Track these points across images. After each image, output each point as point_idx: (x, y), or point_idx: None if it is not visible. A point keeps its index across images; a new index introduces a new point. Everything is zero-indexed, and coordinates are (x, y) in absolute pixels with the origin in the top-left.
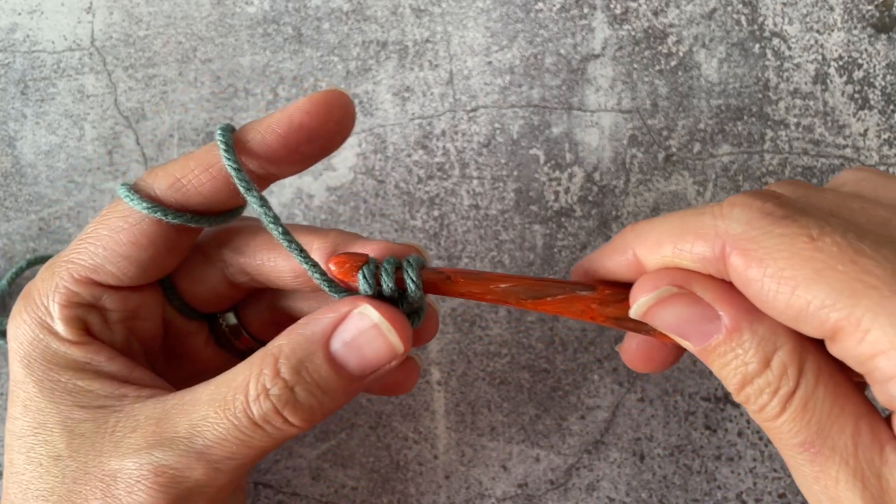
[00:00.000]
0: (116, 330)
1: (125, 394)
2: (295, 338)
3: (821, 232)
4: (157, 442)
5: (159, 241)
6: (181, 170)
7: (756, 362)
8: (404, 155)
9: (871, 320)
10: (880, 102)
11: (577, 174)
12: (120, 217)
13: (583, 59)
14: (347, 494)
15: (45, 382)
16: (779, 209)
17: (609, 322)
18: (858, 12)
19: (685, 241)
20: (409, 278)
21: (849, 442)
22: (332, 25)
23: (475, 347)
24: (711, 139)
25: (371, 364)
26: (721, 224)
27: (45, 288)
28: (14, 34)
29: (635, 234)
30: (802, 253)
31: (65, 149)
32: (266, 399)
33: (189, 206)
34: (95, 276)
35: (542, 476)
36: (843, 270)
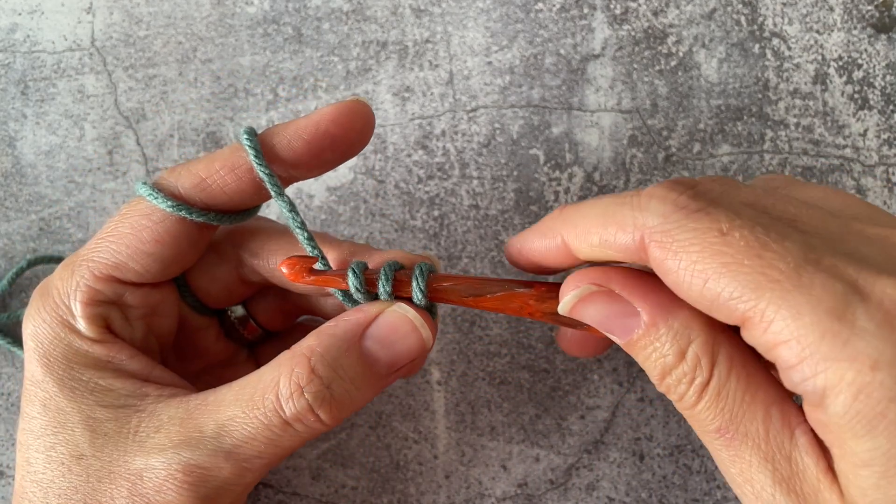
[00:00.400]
0: (137, 327)
1: (147, 393)
2: (326, 338)
3: (730, 226)
4: (184, 441)
5: (181, 239)
6: (206, 170)
7: (672, 355)
8: (404, 155)
9: (774, 312)
10: (880, 102)
11: (577, 174)
12: (142, 215)
13: (583, 60)
14: (347, 494)
15: (66, 381)
16: (692, 202)
17: (547, 318)
18: (858, 12)
19: (608, 231)
20: (416, 286)
21: (760, 427)
22: (332, 25)
23: (475, 347)
24: (711, 139)
25: (401, 358)
26: (639, 216)
27: (66, 286)
28: (14, 34)
29: (563, 220)
30: (713, 247)
31: (65, 149)
32: (301, 397)
33: (212, 205)
34: (118, 273)
35: (542, 476)
36: (748, 265)
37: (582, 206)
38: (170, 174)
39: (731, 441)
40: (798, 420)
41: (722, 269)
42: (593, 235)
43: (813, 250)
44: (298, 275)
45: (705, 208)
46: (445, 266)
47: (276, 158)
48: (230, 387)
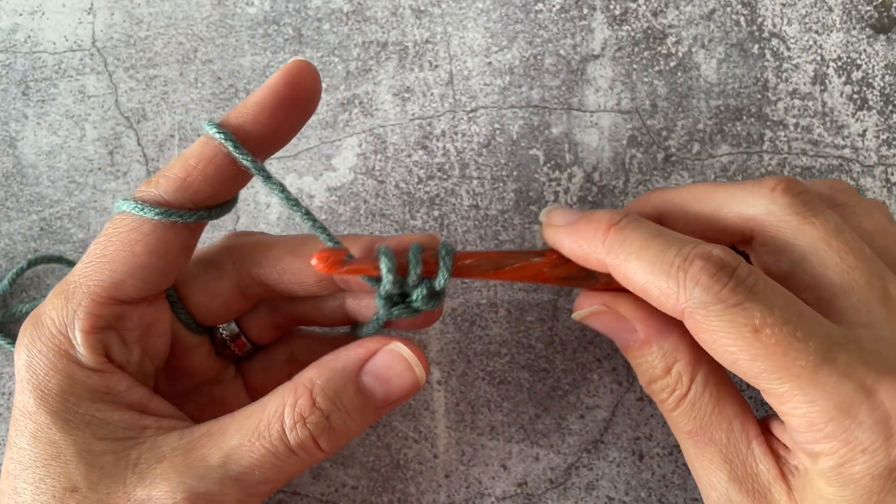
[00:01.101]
0: (133, 350)
1: (146, 425)
2: (327, 372)
3: (762, 323)
4: (189, 471)
5: (175, 244)
6: (183, 169)
7: (660, 368)
8: (404, 155)
9: (792, 396)
10: (879, 103)
11: (577, 174)
12: (131, 230)
13: (582, 60)
14: (348, 493)
15: (61, 413)
16: (732, 295)
17: (558, 281)
18: (857, 13)
19: (650, 291)
20: (444, 266)
21: (724, 435)
22: (333, 26)
23: (475, 347)
24: (710, 139)
25: (395, 394)
26: (682, 295)
27: (62, 315)
28: (15, 35)
29: (608, 249)
30: (745, 339)
31: (66, 149)
32: (303, 427)
33: (199, 201)
34: (117, 293)
35: (542, 475)
36: (776, 361)
37: (629, 248)
38: (147, 185)
39: (699, 442)
40: (755, 433)
41: (750, 358)
42: (636, 285)
43: (831, 348)
44: (332, 266)
45: (742, 303)
46: None
47: (248, 139)
48: (233, 417)
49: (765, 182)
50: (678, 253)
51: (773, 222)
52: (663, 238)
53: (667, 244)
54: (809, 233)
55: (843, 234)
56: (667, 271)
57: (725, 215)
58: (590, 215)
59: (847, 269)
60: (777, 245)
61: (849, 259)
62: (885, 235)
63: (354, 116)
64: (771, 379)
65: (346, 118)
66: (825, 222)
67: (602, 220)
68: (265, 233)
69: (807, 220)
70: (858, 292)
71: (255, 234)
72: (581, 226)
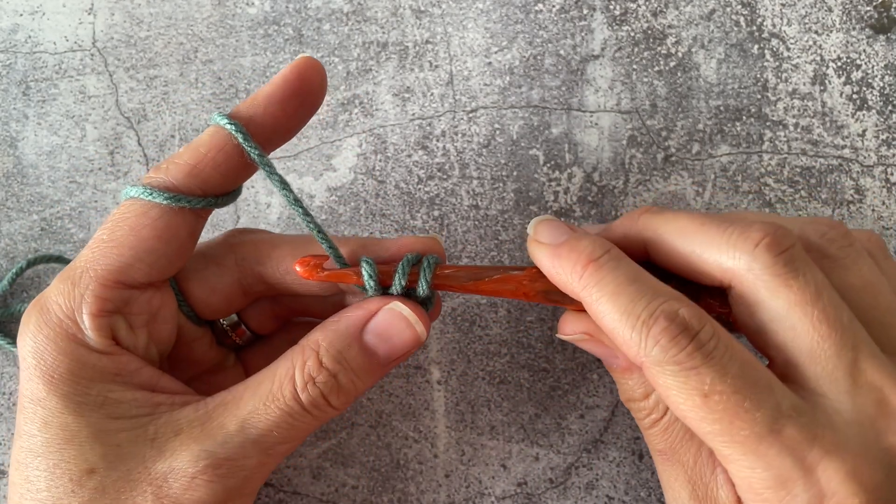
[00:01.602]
0: (140, 336)
1: (159, 402)
2: (331, 333)
3: (712, 389)
4: (208, 439)
5: (182, 230)
6: (194, 157)
7: (639, 393)
8: (404, 155)
9: (734, 460)
10: (878, 103)
11: (577, 174)
12: (139, 215)
13: (582, 60)
14: (348, 493)
15: (72, 397)
16: (688, 359)
17: (539, 297)
18: (857, 13)
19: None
20: (424, 277)
21: (691, 458)
22: (333, 26)
23: (475, 347)
24: (710, 140)
25: (398, 350)
26: (642, 350)
27: (69, 300)
28: (16, 35)
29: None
30: (694, 401)
31: (66, 149)
32: (314, 386)
33: (208, 189)
34: (124, 277)
35: (542, 475)
36: (722, 427)
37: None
38: (156, 171)
39: (667, 461)
40: (720, 463)
41: (699, 418)
42: (604, 326)
43: (779, 420)
44: (312, 272)
45: (697, 367)
46: None
47: (257, 130)
48: (245, 385)
49: (750, 234)
50: (646, 307)
51: (751, 279)
52: (636, 287)
53: (638, 294)
54: (786, 296)
55: (820, 300)
56: (632, 324)
57: (705, 260)
58: (575, 242)
59: (818, 338)
60: (752, 301)
61: (822, 328)
62: (871, 290)
63: (354, 116)
64: (717, 441)
65: (346, 118)
66: (804, 286)
67: (583, 252)
68: (268, 231)
69: (786, 282)
70: (825, 362)
71: (258, 231)
72: (563, 252)
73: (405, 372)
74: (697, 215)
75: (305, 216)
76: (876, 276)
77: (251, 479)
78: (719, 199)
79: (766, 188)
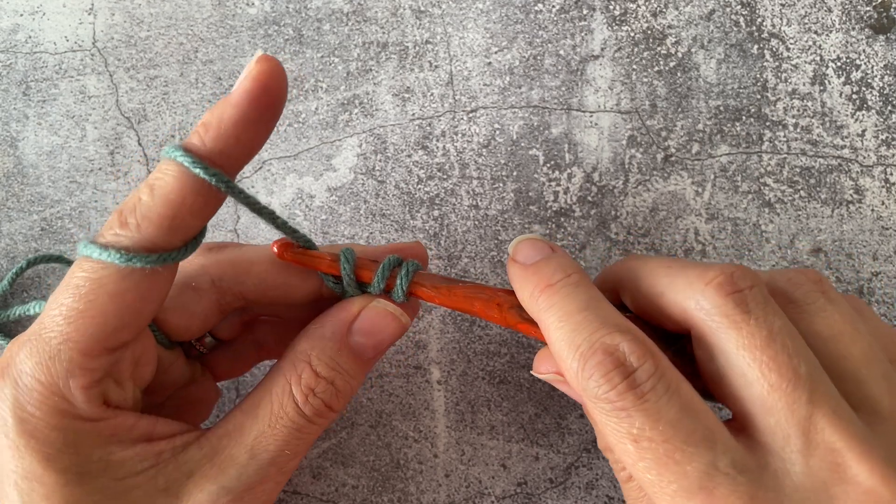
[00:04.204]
0: (127, 388)
1: (160, 450)
2: (318, 342)
3: (640, 435)
4: (221, 474)
5: (165, 282)
6: (169, 208)
7: None
8: (404, 155)
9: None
10: (878, 103)
11: (577, 174)
12: (119, 280)
13: (582, 60)
14: (348, 493)
15: (73, 469)
16: (618, 399)
17: (512, 312)
18: (857, 13)
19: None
20: (401, 282)
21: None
22: (333, 27)
23: (475, 347)
24: (710, 140)
25: (385, 343)
26: (580, 381)
27: (50, 375)
28: (16, 35)
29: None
30: (625, 445)
31: (67, 149)
32: (315, 397)
33: (188, 237)
34: (111, 343)
35: (542, 475)
36: (652, 474)
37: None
38: (125, 229)
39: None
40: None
41: (631, 462)
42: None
43: (712, 478)
44: (285, 250)
45: (627, 409)
46: (445, 265)
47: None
48: (242, 411)
49: (707, 272)
50: (586, 338)
51: (705, 320)
52: (584, 315)
53: (584, 323)
54: (735, 339)
55: (771, 346)
56: (572, 354)
57: (666, 303)
58: (543, 263)
59: (769, 387)
60: (707, 344)
61: (772, 377)
62: (842, 340)
63: (354, 116)
64: (651, 490)
65: (346, 118)
66: (755, 329)
67: (545, 275)
68: (239, 244)
69: (735, 325)
70: (777, 415)
71: (229, 246)
72: (530, 274)
73: (405, 372)
74: (667, 258)
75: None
76: (851, 326)
77: (270, 499)
78: (719, 200)
79: (765, 188)
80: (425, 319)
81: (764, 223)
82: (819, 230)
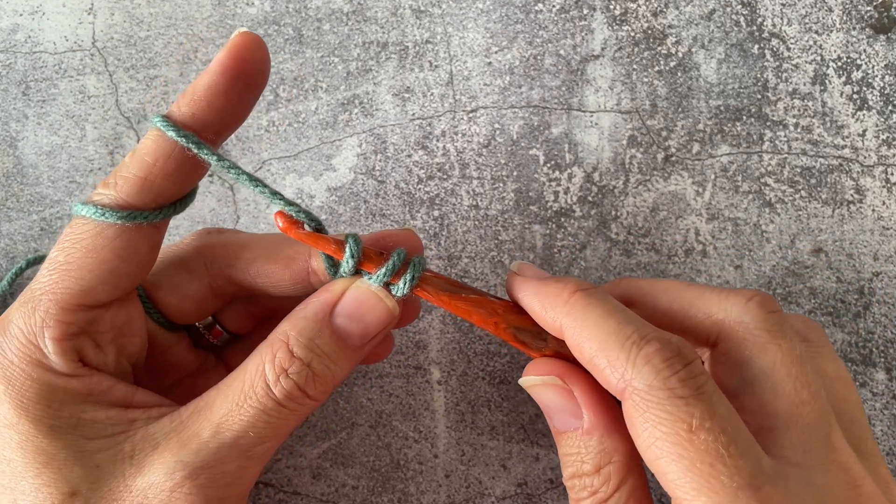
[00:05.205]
0: (109, 353)
1: (134, 418)
2: (298, 321)
3: (699, 426)
4: (183, 449)
5: (141, 245)
6: (141, 169)
7: (590, 465)
8: (404, 155)
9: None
10: (879, 103)
11: (577, 174)
12: (95, 235)
13: (582, 60)
14: (348, 493)
15: (45, 420)
16: (680, 386)
17: (508, 332)
18: (857, 13)
19: (599, 360)
20: (408, 277)
21: None
22: (333, 26)
23: (475, 347)
24: (710, 139)
25: (372, 330)
26: (629, 371)
27: (30, 324)
28: (16, 35)
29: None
30: (677, 436)
31: (66, 149)
32: (287, 378)
33: (161, 200)
34: (86, 299)
35: (542, 475)
36: (700, 469)
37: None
38: (105, 187)
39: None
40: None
41: (676, 458)
42: (586, 352)
43: (759, 475)
44: (291, 226)
45: (687, 397)
46: (445, 265)
47: (204, 127)
48: (217, 388)
49: (742, 291)
50: (637, 330)
51: (741, 332)
52: (626, 314)
53: (628, 320)
54: (774, 354)
55: (805, 366)
56: (621, 343)
57: (693, 314)
58: (559, 278)
59: (798, 402)
60: (737, 358)
61: (803, 393)
62: (844, 383)
63: (354, 116)
64: (687, 488)
65: (346, 118)
66: (792, 348)
67: (570, 283)
68: (238, 230)
69: (775, 340)
70: (802, 429)
71: (227, 231)
72: (549, 283)
73: (405, 372)
74: (681, 281)
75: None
76: (846, 374)
77: (234, 485)
78: (719, 199)
79: (766, 188)
80: (425, 320)
81: (764, 223)
82: (820, 230)
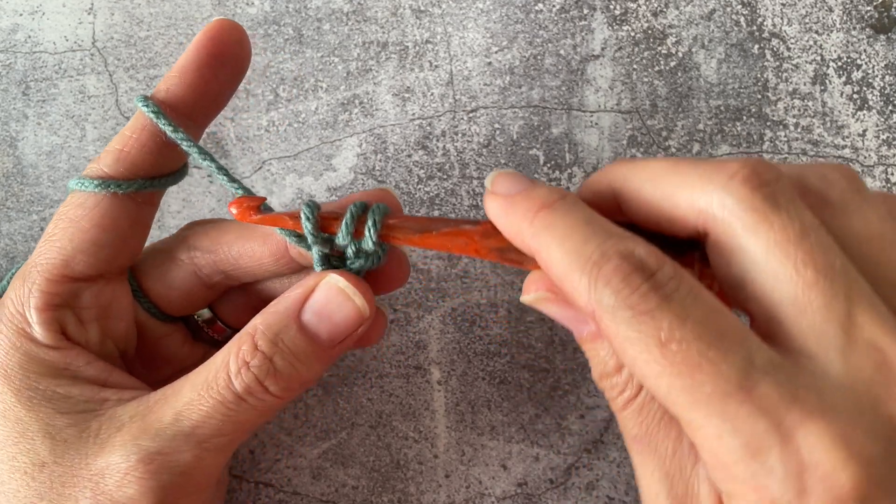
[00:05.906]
0: (91, 330)
1: (106, 398)
2: (269, 315)
3: (669, 336)
4: (143, 433)
5: (121, 218)
6: (120, 141)
7: (612, 365)
8: (404, 155)
9: (698, 427)
10: (879, 103)
11: (577, 175)
12: (77, 206)
13: (582, 60)
14: (348, 493)
15: (24, 391)
16: (641, 302)
17: (493, 255)
18: (857, 13)
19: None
20: (371, 227)
21: (669, 447)
22: (333, 26)
23: (475, 347)
24: (710, 140)
25: (341, 330)
26: (593, 294)
27: (19, 296)
28: (15, 35)
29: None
30: (650, 353)
31: (66, 149)
32: (248, 371)
33: (137, 172)
34: (68, 270)
35: (542, 475)
36: (680, 382)
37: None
38: (91, 163)
39: (643, 451)
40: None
41: (656, 374)
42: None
43: (750, 374)
44: (246, 213)
45: (651, 311)
46: (445, 265)
47: (179, 103)
48: (186, 377)
49: (726, 166)
50: (597, 247)
51: (725, 218)
52: (590, 228)
53: (590, 236)
54: (765, 235)
55: (806, 241)
56: (581, 265)
57: (677, 204)
58: (530, 190)
59: (803, 285)
60: (728, 246)
61: (806, 273)
62: (879, 242)
63: (354, 116)
64: (678, 402)
65: (346, 118)
66: (787, 224)
67: (538, 198)
68: (223, 219)
69: (765, 217)
70: (812, 314)
71: (210, 221)
72: (517, 200)
73: (405, 372)
74: (671, 158)
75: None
76: (889, 229)
77: (190, 476)
78: None
79: None
80: (425, 319)
81: None
82: None
